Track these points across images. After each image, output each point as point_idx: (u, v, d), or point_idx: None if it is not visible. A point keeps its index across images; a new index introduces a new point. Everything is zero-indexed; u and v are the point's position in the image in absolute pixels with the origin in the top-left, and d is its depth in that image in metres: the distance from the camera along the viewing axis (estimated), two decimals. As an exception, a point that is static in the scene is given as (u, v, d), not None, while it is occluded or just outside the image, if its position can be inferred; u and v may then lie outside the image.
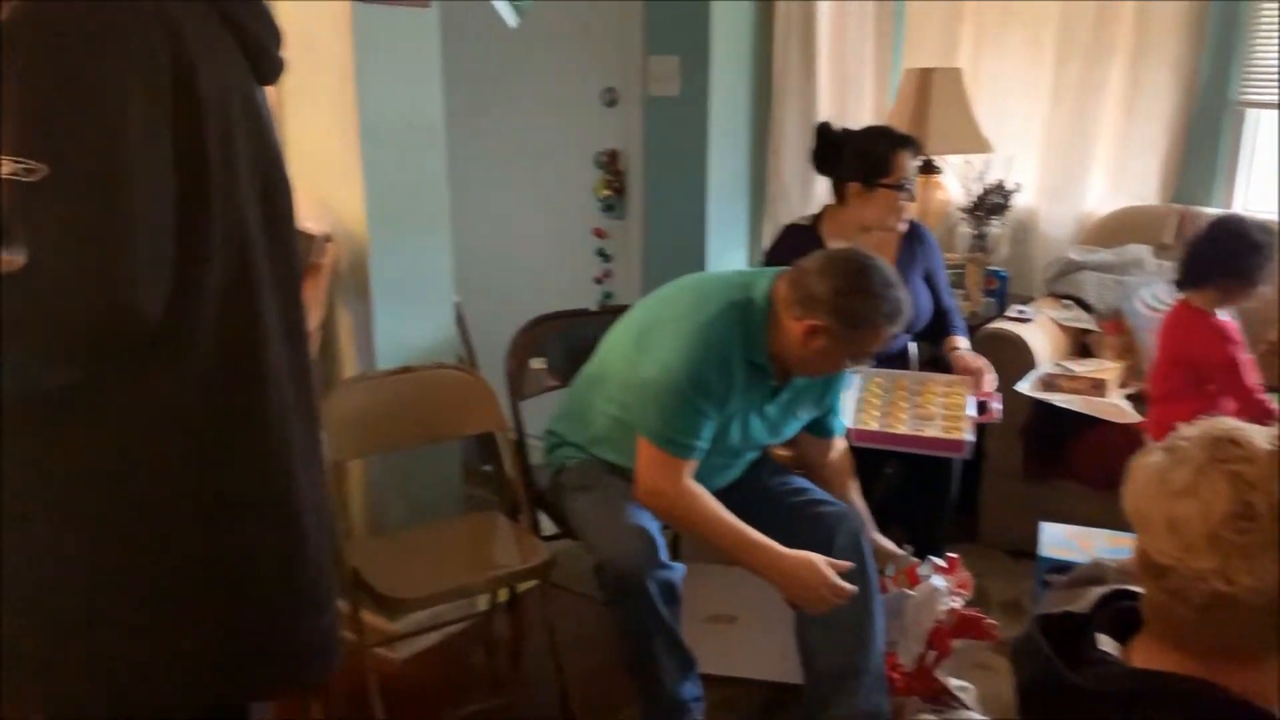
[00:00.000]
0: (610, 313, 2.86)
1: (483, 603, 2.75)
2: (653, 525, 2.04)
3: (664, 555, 2.00)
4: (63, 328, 1.08)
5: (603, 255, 3.68)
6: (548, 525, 2.47)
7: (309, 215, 2.23)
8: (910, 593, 2.14)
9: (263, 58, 1.33)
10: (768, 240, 3.52)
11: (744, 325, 2.01)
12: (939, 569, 2.17)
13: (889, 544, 2.26)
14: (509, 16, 3.83)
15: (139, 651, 1.22)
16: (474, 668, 2.68)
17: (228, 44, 1.25)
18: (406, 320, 2.56)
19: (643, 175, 3.53)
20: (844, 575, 1.95)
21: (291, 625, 1.31)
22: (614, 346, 2.26)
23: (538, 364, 2.68)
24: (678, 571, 2.01)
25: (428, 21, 2.47)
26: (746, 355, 2.02)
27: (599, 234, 3.66)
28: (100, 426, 1.18)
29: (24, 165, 1.05)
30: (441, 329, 2.68)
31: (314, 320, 2.30)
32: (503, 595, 2.74)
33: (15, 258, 1.05)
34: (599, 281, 3.70)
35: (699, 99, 3.35)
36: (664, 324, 2.08)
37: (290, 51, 1.40)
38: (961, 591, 2.15)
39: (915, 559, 2.21)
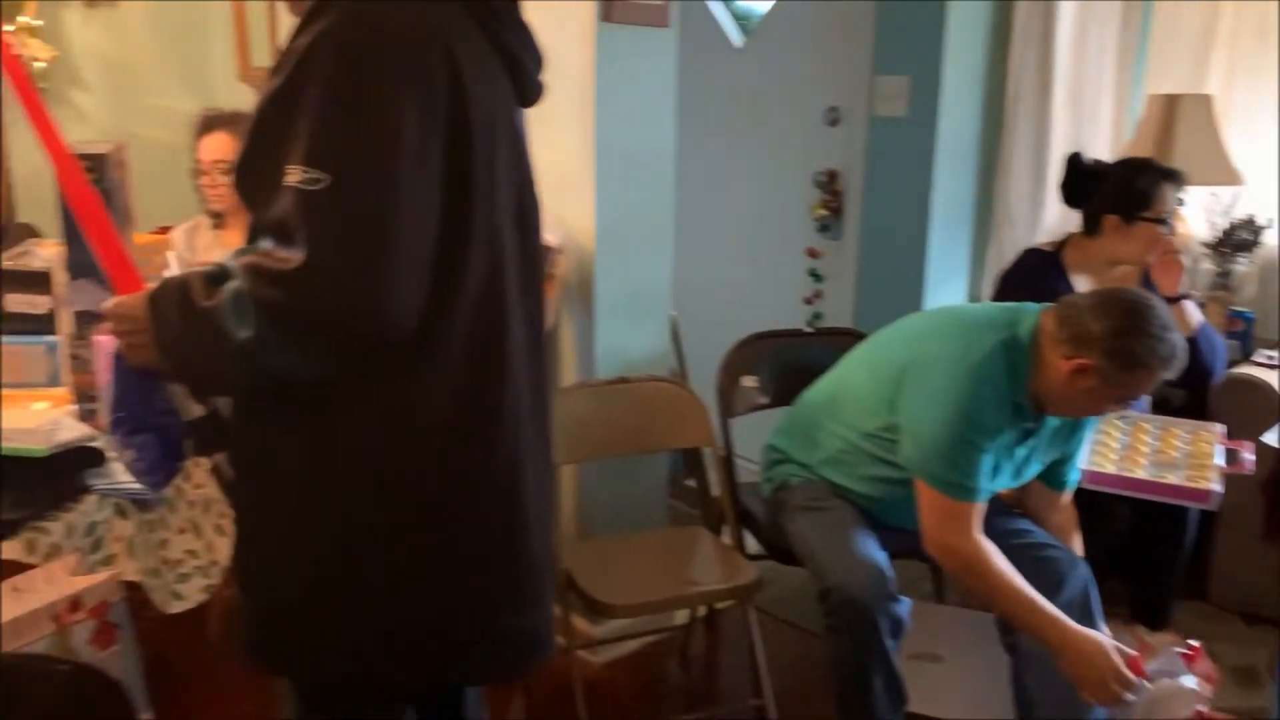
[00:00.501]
0: (827, 335, 2.85)
1: (680, 616, 2.78)
2: (883, 556, 2.02)
3: (895, 588, 1.97)
4: (325, 323, 1.17)
5: (814, 275, 3.64)
6: (751, 544, 2.48)
7: (545, 228, 2.31)
8: (1148, 685, 1.93)
9: (527, 82, 1.39)
10: (992, 267, 3.41)
11: (1011, 364, 1.95)
12: (1184, 656, 2.01)
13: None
14: (734, 35, 3.88)
15: (371, 628, 1.29)
16: (668, 680, 2.71)
17: (497, 68, 1.32)
18: (625, 332, 2.61)
19: (861, 196, 3.48)
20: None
21: (511, 616, 1.35)
22: (854, 373, 2.24)
23: (749, 381, 2.68)
24: (906, 606, 1.98)
25: (666, 42, 2.51)
26: (1012, 395, 1.96)
27: (812, 253, 3.63)
28: (357, 418, 1.26)
29: (310, 175, 1.15)
30: (657, 342, 2.72)
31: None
32: (700, 610, 2.76)
33: (293, 255, 1.15)
34: (808, 302, 3.67)
35: (927, 120, 3.27)
36: (931, 364, 2.02)
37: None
38: (1206, 686, 1.99)
39: (1135, 650, 2.04)
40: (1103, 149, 3.37)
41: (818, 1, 3.51)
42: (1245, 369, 2.84)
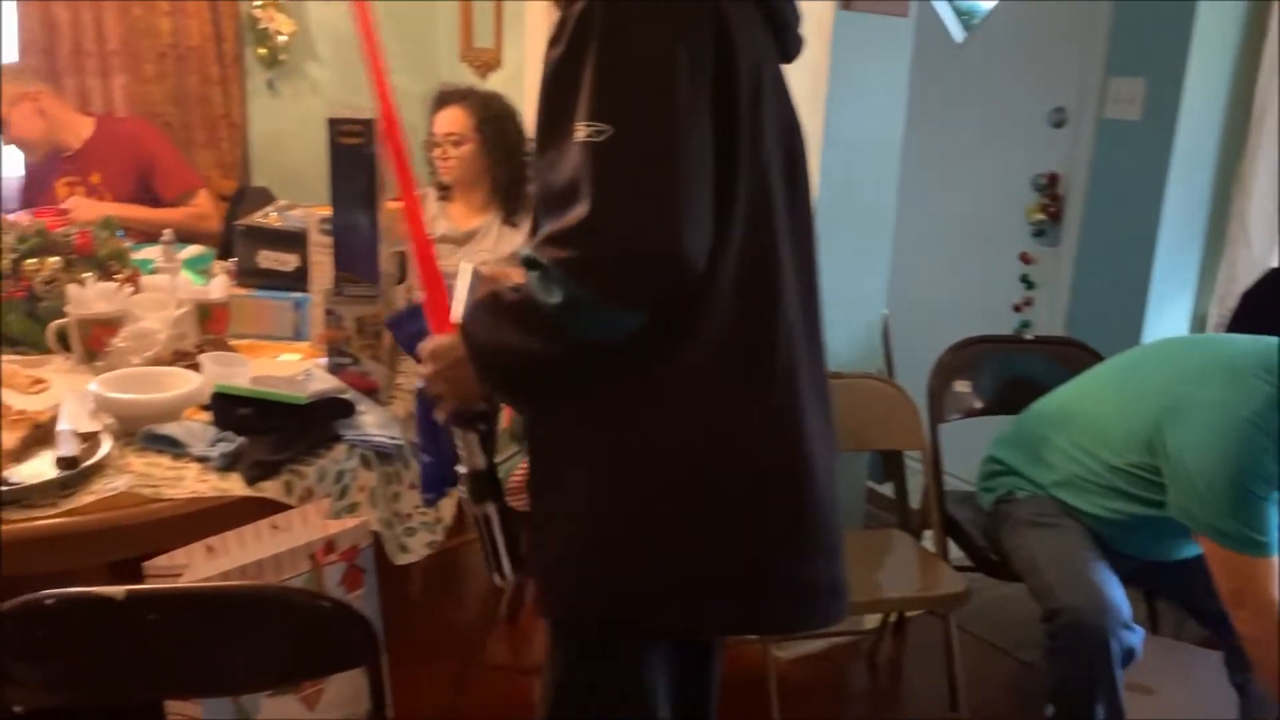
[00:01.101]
0: (1046, 344, 2.73)
1: (870, 621, 2.73)
2: (1117, 582, 1.94)
3: (1129, 617, 1.89)
4: (622, 273, 1.21)
5: (1026, 282, 3.51)
6: (953, 554, 2.40)
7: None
8: None
9: (787, 35, 1.41)
10: (1222, 288, 3.22)
11: None
12: None
13: None
14: (955, 30, 3.76)
15: (649, 572, 1.32)
16: (854, 683, 2.66)
17: (759, 23, 1.34)
18: (839, 326, 2.56)
19: (1083, 202, 3.33)
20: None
21: (792, 567, 1.35)
22: (1099, 397, 2.15)
23: (962, 386, 2.60)
24: (1139, 636, 1.89)
25: (903, 33, 2.46)
26: None
27: (1025, 259, 3.50)
28: (634, 371, 1.29)
29: (594, 128, 1.19)
30: (870, 339, 2.67)
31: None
32: (892, 617, 2.71)
33: (581, 209, 1.19)
34: (1017, 309, 3.53)
35: (1164, 124, 3.10)
36: (1200, 410, 1.90)
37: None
38: None
39: None
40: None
41: (1048, 1, 3.38)
42: None
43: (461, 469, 1.41)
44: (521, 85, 3.33)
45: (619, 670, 1.43)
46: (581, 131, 1.20)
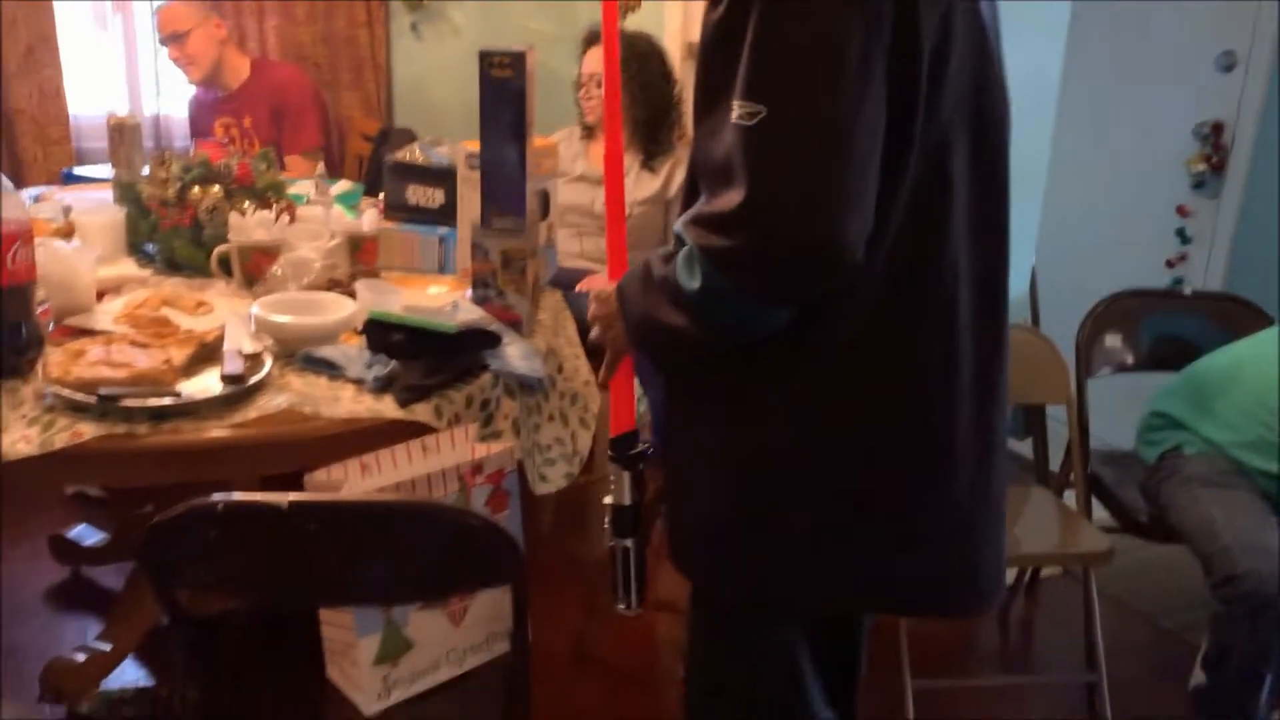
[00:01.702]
0: (1204, 300, 2.60)
1: (1003, 576, 2.67)
2: None
3: None
4: (766, 269, 1.12)
5: (1181, 236, 3.34)
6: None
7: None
8: None
9: None
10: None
11: None
12: None
13: None
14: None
15: (783, 557, 1.29)
16: (984, 639, 2.61)
17: None
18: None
19: (1251, 152, 3.14)
20: None
21: (932, 553, 1.30)
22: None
23: (1114, 341, 2.50)
24: None
25: (1068, -34, 2.34)
26: None
27: (1182, 212, 3.32)
28: (777, 363, 1.24)
29: (746, 109, 1.09)
30: (1017, 288, 2.58)
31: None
32: (1025, 575, 2.65)
33: (733, 196, 1.11)
34: (1170, 265, 3.37)
35: (1345, 70, 2.90)
36: None
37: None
38: None
39: None
40: None
41: (1223, -66, 3.17)
42: None
43: (608, 500, 1.42)
44: (660, 26, 3.30)
45: (762, 645, 1.42)
46: (736, 111, 1.10)
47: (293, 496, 1.30)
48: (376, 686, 1.51)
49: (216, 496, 1.29)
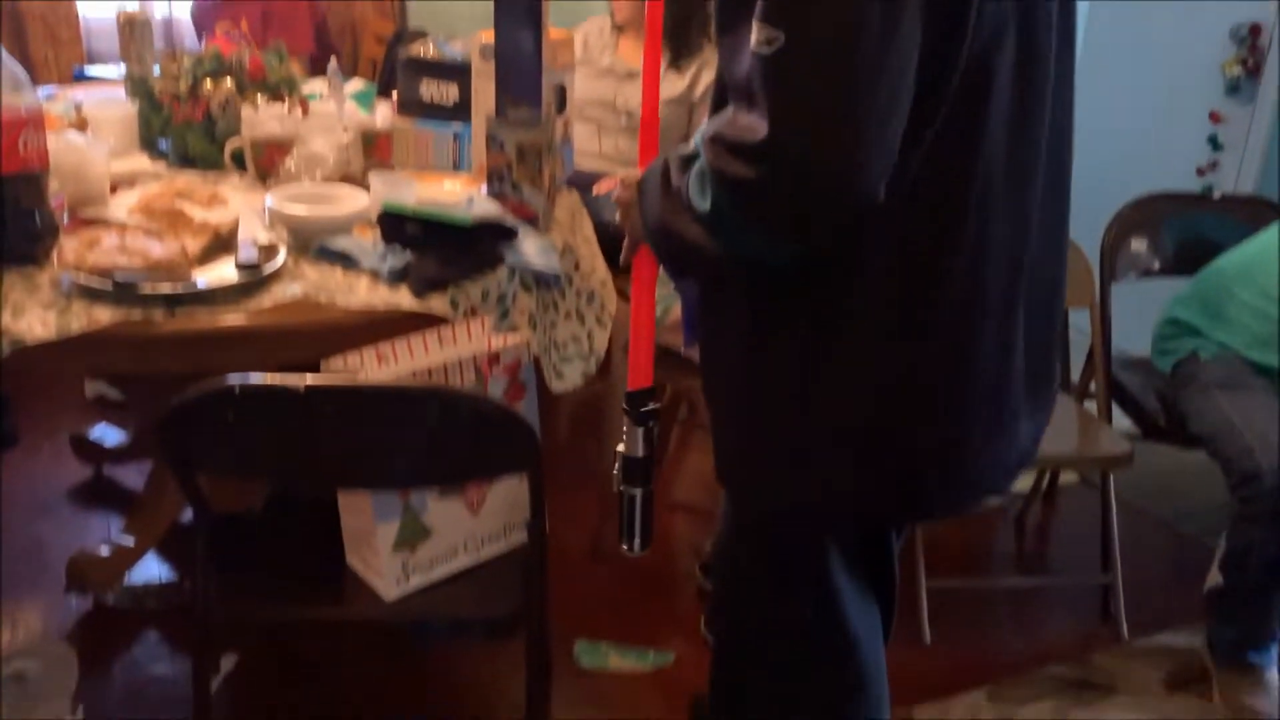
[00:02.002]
0: (1232, 204, 2.54)
1: (1020, 484, 2.67)
2: None
3: None
4: (784, 204, 1.06)
5: (1213, 143, 3.26)
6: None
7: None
8: None
9: None
10: None
11: None
12: None
13: None
14: None
15: (840, 467, 1.26)
16: (1001, 545, 2.62)
17: None
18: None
19: (1289, 55, 3.05)
20: None
21: (958, 459, 1.25)
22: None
23: (1139, 245, 2.46)
24: None
25: None
26: None
27: (1214, 118, 3.24)
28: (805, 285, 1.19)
29: (766, 33, 1.02)
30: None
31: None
32: (1043, 481, 2.64)
33: (756, 125, 1.04)
34: (1201, 173, 3.30)
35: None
36: None
37: None
38: None
39: None
40: None
41: None
42: None
43: (620, 448, 1.41)
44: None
45: (797, 553, 1.40)
46: (755, 34, 1.02)
47: (310, 379, 1.30)
48: (395, 572, 1.53)
49: (233, 378, 1.30)
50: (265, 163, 1.95)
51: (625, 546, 1.46)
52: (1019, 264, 1.22)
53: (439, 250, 1.64)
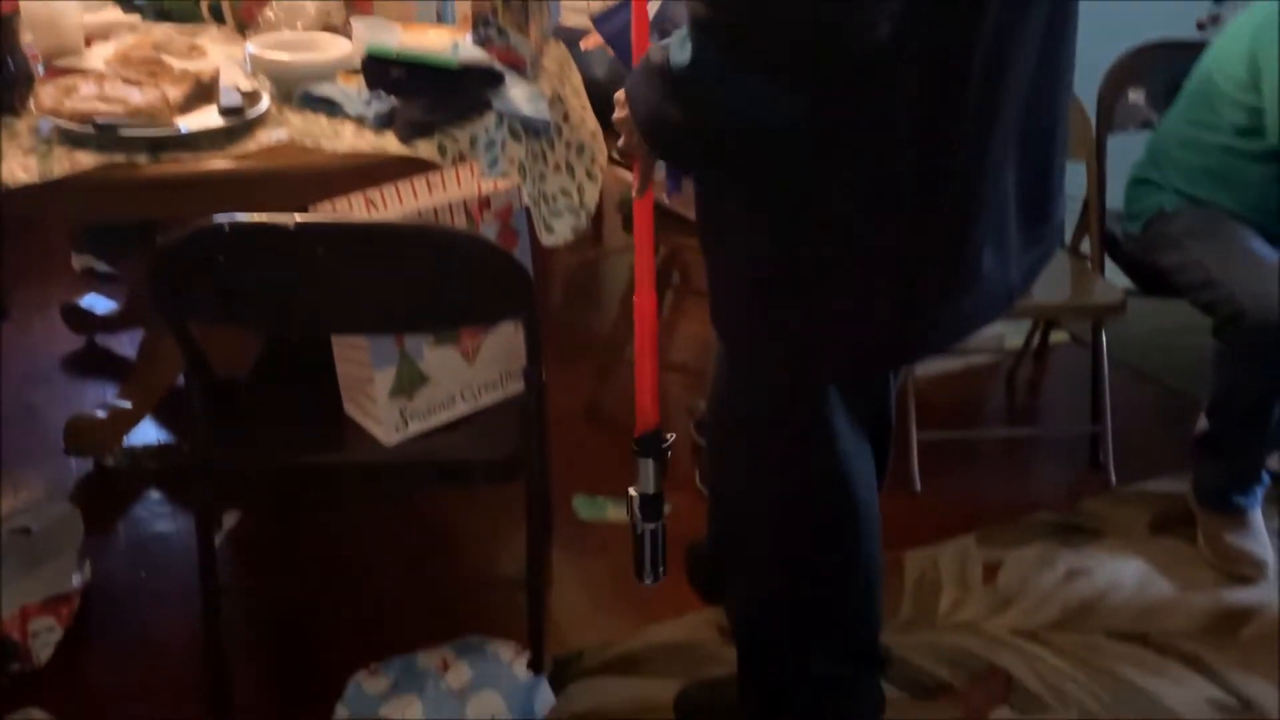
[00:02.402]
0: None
1: (1011, 342, 2.69)
2: None
3: None
4: (755, 37, 1.01)
5: (1214, -4, 3.18)
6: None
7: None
8: None
9: None
10: None
11: None
12: None
13: None
14: None
15: (837, 314, 1.25)
16: (991, 400, 2.65)
17: None
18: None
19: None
20: None
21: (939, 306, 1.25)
22: (1208, 72, 2.04)
23: (1137, 96, 2.42)
24: None
25: None
26: None
27: (1216, -30, 3.16)
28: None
29: None
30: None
31: None
32: (1034, 338, 2.66)
33: None
34: (1201, 27, 3.22)
35: None
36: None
37: None
38: None
39: None
40: None
41: None
42: None
43: (633, 491, 1.45)
44: None
45: (794, 397, 1.40)
46: None
47: (299, 217, 1.29)
48: (394, 419, 1.54)
49: (221, 218, 1.28)
50: (244, 14, 1.90)
51: (647, 581, 1.51)
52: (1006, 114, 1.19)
53: (425, 95, 1.61)
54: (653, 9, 1.36)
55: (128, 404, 2.15)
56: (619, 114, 1.27)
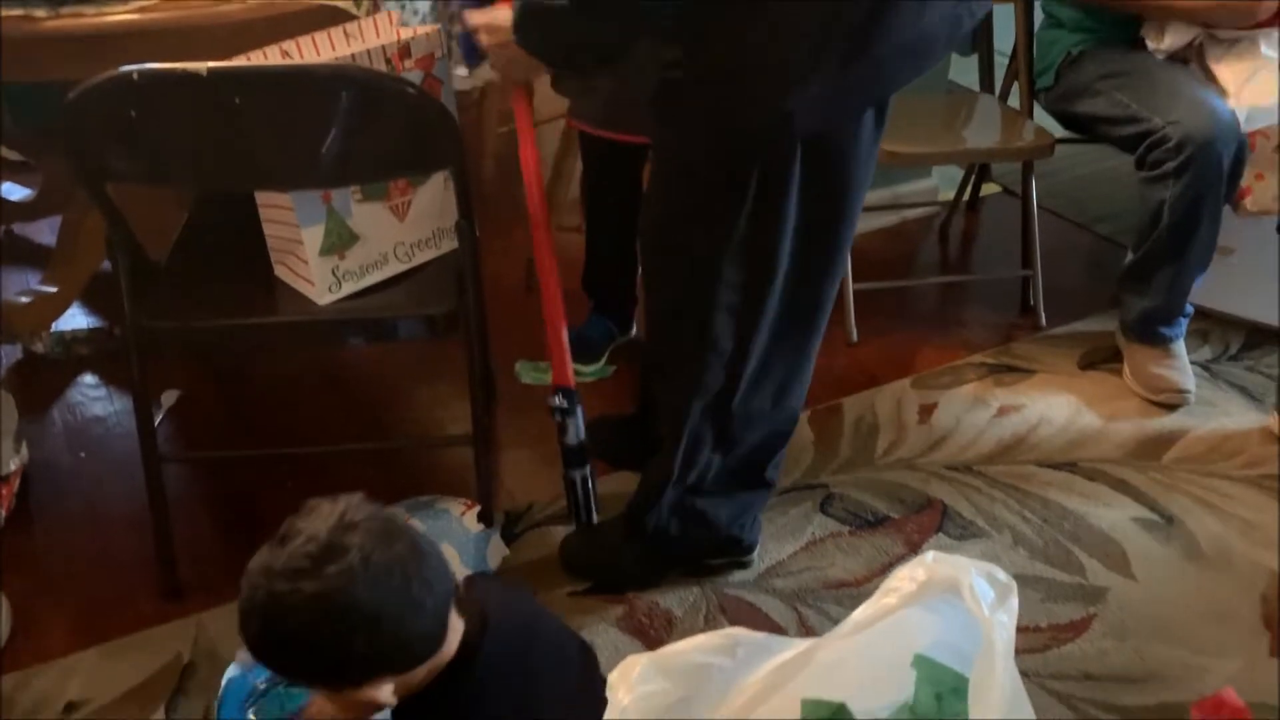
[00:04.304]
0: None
1: (943, 195, 2.72)
2: (1215, 95, 1.92)
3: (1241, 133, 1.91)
4: None
5: None
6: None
7: None
8: None
9: None
10: None
11: None
12: None
13: None
14: None
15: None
16: (925, 252, 2.67)
17: None
18: None
19: None
20: None
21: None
22: None
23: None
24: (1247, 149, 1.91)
25: None
26: None
27: None
28: None
29: None
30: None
31: None
32: (965, 192, 2.68)
33: None
34: None
35: None
36: None
37: None
38: None
39: None
40: None
41: None
42: None
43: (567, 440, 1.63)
44: None
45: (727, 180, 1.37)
46: None
47: (212, 64, 1.24)
48: (326, 279, 1.52)
49: (129, 67, 1.23)
50: None
51: (584, 523, 1.69)
52: None
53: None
54: None
55: (53, 289, 2.10)
56: (488, 40, 1.38)
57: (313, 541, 0.94)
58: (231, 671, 1.37)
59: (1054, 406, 2.07)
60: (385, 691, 0.99)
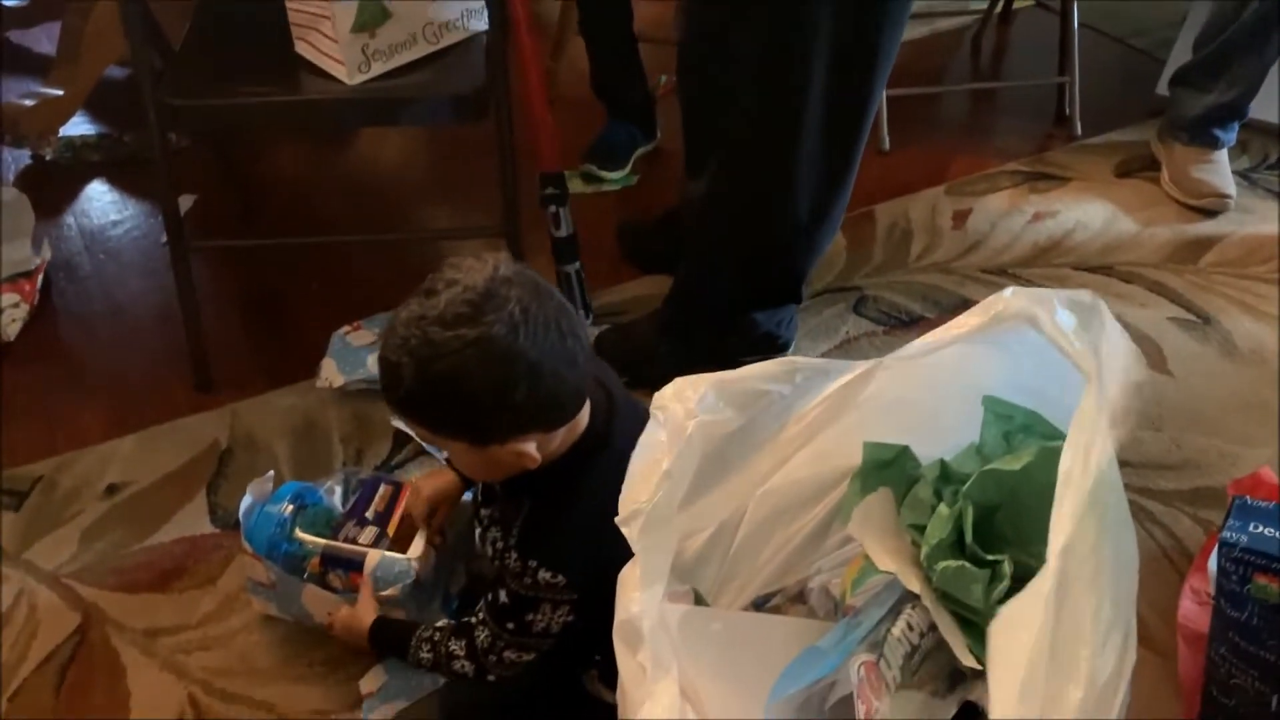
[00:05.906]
0: None
1: (976, 2, 2.62)
2: None
3: None
4: None
5: None
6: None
7: None
8: None
9: None
10: None
11: None
12: None
13: None
14: None
15: None
16: (957, 63, 2.58)
17: None
18: None
19: None
20: None
21: None
22: None
23: None
24: None
25: None
26: None
27: None
28: None
29: None
30: None
31: None
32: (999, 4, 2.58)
33: None
34: None
35: None
36: None
37: None
38: None
39: None
40: None
41: None
42: None
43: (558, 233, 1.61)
44: None
45: None
46: None
47: None
48: (356, 58, 1.44)
49: None
50: None
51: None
52: None
53: None
54: None
55: (58, 91, 2.02)
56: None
57: (471, 290, 0.91)
58: (246, 503, 1.25)
59: (1090, 212, 2.03)
60: (531, 448, 0.96)
